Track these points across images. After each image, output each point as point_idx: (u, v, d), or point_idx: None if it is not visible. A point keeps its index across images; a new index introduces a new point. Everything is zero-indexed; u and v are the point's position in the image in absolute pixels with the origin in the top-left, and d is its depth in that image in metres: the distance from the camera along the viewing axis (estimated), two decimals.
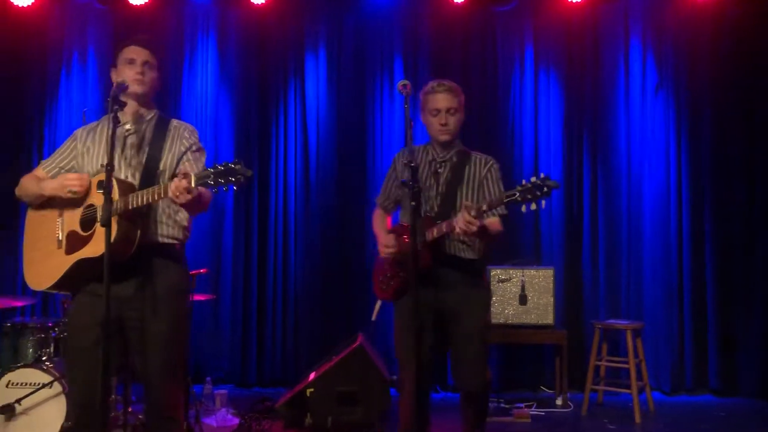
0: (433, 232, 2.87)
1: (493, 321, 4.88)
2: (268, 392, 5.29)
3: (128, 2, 5.51)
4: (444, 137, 3.08)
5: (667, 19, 5.48)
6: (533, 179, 2.59)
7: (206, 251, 5.56)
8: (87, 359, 2.50)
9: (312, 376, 4.38)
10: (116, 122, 2.48)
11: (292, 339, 5.62)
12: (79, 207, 2.65)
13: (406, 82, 2.68)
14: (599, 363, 4.93)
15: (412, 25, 5.68)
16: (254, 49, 5.76)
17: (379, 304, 3.42)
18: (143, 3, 5.51)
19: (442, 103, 3.06)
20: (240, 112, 5.75)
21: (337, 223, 5.65)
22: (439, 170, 3.09)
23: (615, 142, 5.52)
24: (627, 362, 4.71)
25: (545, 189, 2.56)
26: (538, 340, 5.02)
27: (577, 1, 5.40)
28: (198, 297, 4.35)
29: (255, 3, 5.52)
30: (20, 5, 5.52)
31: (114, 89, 2.57)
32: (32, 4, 5.53)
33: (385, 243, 3.06)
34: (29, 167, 5.42)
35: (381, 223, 3.28)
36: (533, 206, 2.56)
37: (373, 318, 3.47)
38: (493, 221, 2.96)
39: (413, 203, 2.44)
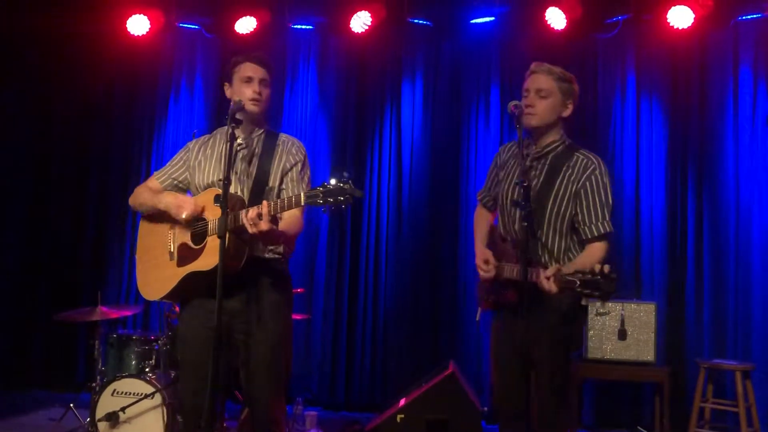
0: (533, 275, 2.48)
1: (590, 356, 4.71)
2: (354, 416, 5.28)
3: (235, 31, 5.75)
4: (528, 120, 2.69)
5: None
6: (581, 273, 2.28)
7: (301, 270, 5.64)
8: (196, 370, 2.56)
9: (402, 402, 4.33)
10: (233, 138, 2.55)
11: (381, 363, 5.60)
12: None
13: (517, 102, 2.60)
14: (704, 405, 4.66)
15: (510, 51, 5.65)
16: (353, 75, 5.88)
17: (481, 310, 3.13)
18: (249, 32, 5.74)
19: (533, 83, 2.74)
20: (337, 136, 5.86)
21: (429, 246, 5.63)
22: (533, 165, 2.70)
23: (722, 174, 5.26)
24: (735, 405, 4.44)
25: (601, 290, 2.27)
26: (637, 377, 4.80)
27: (683, 28, 5.23)
28: (294, 316, 4.41)
29: (355, 31, 5.64)
30: (136, 34, 5.85)
31: (233, 106, 2.65)
32: (147, 33, 5.85)
33: (481, 264, 2.71)
34: (138, 184, 5.73)
35: (481, 229, 2.95)
36: (584, 302, 2.33)
37: (477, 318, 3.18)
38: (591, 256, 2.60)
39: (525, 224, 2.33)
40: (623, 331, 4.70)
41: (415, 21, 5.71)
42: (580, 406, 5.08)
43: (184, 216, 2.69)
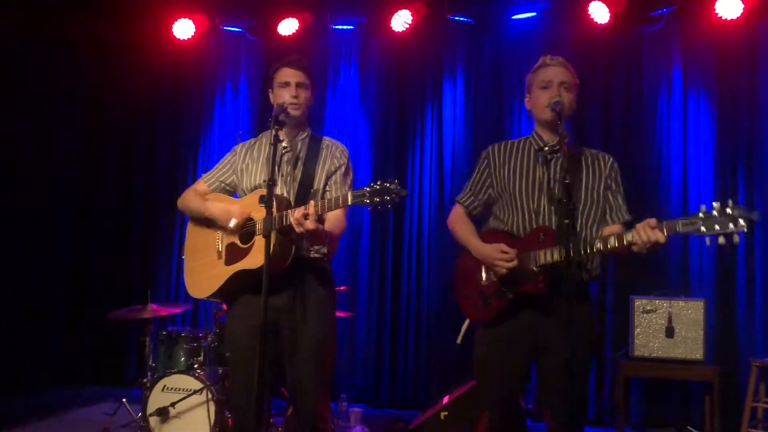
0: (610, 240, 2.35)
1: (636, 354, 4.63)
2: (399, 413, 5.31)
3: (277, 33, 5.84)
4: (549, 115, 2.59)
5: None
6: (716, 206, 2.16)
7: (343, 269, 5.70)
8: (245, 365, 2.63)
9: (446, 399, 4.34)
10: (277, 141, 2.61)
11: (425, 360, 5.62)
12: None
13: (558, 98, 2.57)
14: (756, 405, 4.55)
15: (552, 48, 5.56)
16: (393, 74, 5.91)
17: (467, 324, 2.98)
18: (291, 33, 5.82)
19: (555, 75, 2.66)
20: (378, 135, 5.90)
21: None
22: (549, 158, 2.61)
23: None
24: None
25: (740, 222, 2.10)
26: (686, 375, 4.70)
27: (731, 19, 5.11)
28: (337, 313, 4.45)
29: (396, 30, 5.66)
30: (181, 38, 5.98)
31: (276, 110, 2.71)
32: (192, 36, 5.98)
33: (501, 256, 2.54)
34: (184, 186, 5.85)
35: (468, 226, 2.83)
36: (721, 240, 2.14)
37: (459, 341, 2.97)
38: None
39: (567, 221, 2.30)
40: (671, 329, 4.61)
41: (456, 18, 5.70)
42: (627, 404, 5.01)
43: (232, 225, 2.75)
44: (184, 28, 5.96)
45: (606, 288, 5.32)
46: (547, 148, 2.65)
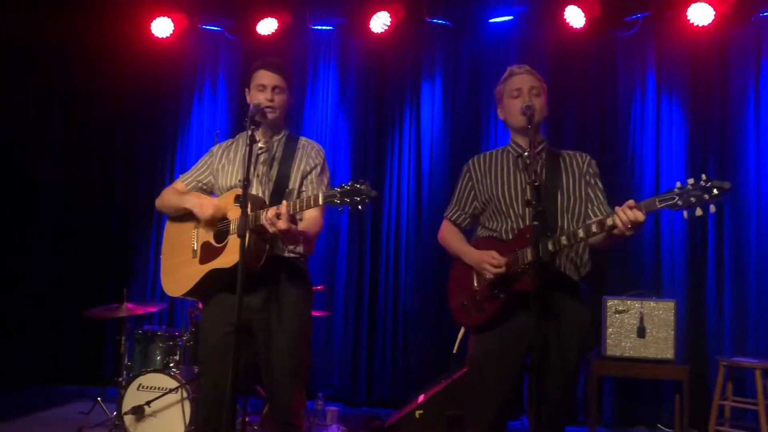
0: (592, 227, 2.41)
1: (609, 353, 4.71)
2: (375, 412, 5.35)
3: (256, 32, 5.85)
4: (524, 121, 2.63)
5: None
6: (690, 181, 2.24)
7: (321, 268, 5.73)
8: (217, 365, 2.64)
9: (421, 398, 4.39)
10: (253, 141, 2.63)
11: (402, 359, 5.67)
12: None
13: (529, 103, 2.63)
14: (724, 403, 4.65)
15: (529, 50, 5.66)
16: (372, 75, 5.95)
17: (462, 332, 2.99)
18: (270, 33, 5.83)
19: (524, 82, 2.72)
20: (357, 135, 5.93)
21: None
22: (529, 162, 2.62)
23: (743, 170, 5.23)
24: (755, 404, 4.42)
25: (714, 192, 2.18)
26: (657, 375, 4.79)
27: (703, 25, 5.21)
28: (314, 313, 4.48)
29: (374, 31, 5.70)
30: (160, 37, 5.97)
31: (252, 110, 2.74)
32: (170, 35, 5.97)
33: (490, 261, 2.59)
34: (162, 185, 5.85)
35: (462, 239, 2.88)
36: (698, 212, 2.21)
37: (455, 350, 3.00)
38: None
39: (536, 223, 2.36)
40: (642, 329, 4.70)
41: (434, 21, 5.75)
42: (599, 403, 5.09)
43: (206, 215, 2.77)
44: (162, 27, 5.94)
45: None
46: (526, 154, 2.69)
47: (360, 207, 2.42)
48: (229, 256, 2.69)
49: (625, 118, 5.49)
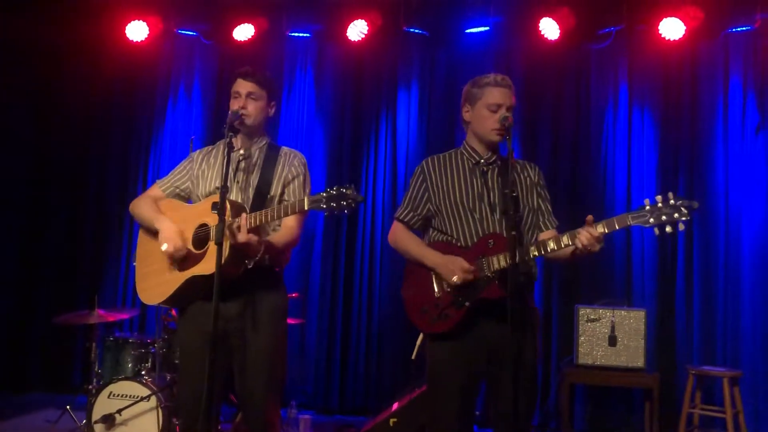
0: (548, 244, 2.47)
1: (581, 362, 4.77)
2: (348, 420, 5.33)
3: (233, 38, 5.81)
4: (498, 138, 2.68)
5: None
6: (659, 198, 2.32)
7: (296, 276, 5.70)
8: (194, 373, 2.62)
9: (395, 406, 4.39)
10: (231, 148, 2.62)
11: (376, 367, 5.66)
12: (191, 226, 2.80)
13: (508, 114, 2.64)
14: (692, 411, 4.73)
15: (505, 61, 5.72)
16: (349, 83, 5.96)
17: (421, 338, 2.97)
18: (247, 39, 5.79)
19: (505, 98, 2.68)
20: (333, 143, 5.93)
21: None
22: (485, 170, 2.68)
23: (712, 183, 5.35)
24: (723, 412, 4.51)
25: (684, 210, 2.27)
26: (628, 383, 4.86)
27: (674, 39, 5.32)
28: (289, 320, 4.46)
29: (352, 39, 5.71)
30: (135, 40, 5.90)
31: (230, 116, 2.73)
32: (145, 39, 5.91)
33: (460, 266, 2.55)
34: (135, 191, 5.79)
35: (420, 242, 2.80)
36: (669, 229, 2.30)
37: (413, 357, 2.98)
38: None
39: (514, 233, 2.39)
40: (613, 338, 4.76)
41: (411, 30, 5.77)
42: (571, 410, 5.14)
43: (163, 249, 2.70)
44: (137, 30, 5.87)
45: (552, 297, 5.46)
46: (483, 161, 2.73)
47: (346, 212, 2.41)
48: (209, 263, 2.65)
49: (598, 128, 5.58)
